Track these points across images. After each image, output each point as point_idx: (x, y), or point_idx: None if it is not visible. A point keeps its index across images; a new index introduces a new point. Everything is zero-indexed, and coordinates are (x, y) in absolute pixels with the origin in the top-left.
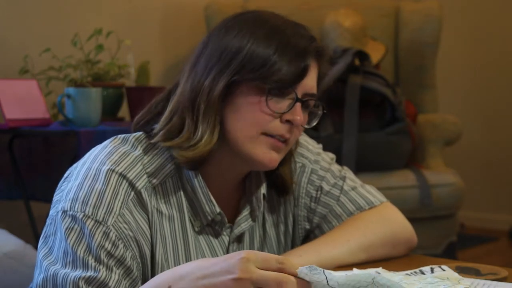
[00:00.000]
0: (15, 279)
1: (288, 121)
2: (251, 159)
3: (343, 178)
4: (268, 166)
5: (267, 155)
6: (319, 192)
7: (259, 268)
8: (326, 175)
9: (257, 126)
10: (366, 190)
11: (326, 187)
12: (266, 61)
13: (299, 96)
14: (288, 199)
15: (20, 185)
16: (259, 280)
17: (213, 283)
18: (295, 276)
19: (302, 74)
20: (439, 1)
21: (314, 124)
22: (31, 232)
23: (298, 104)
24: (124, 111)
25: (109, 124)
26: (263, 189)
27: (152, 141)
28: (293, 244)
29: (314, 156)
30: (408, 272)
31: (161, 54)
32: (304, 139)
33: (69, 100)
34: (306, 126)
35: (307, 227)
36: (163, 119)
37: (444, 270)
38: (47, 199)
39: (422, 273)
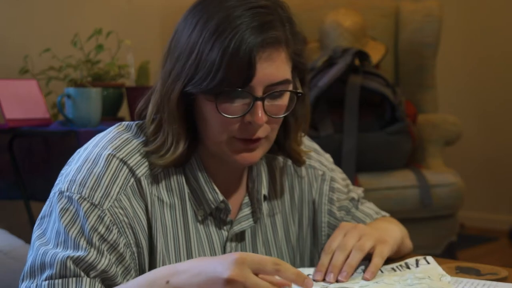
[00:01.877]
0: (15, 279)
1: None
2: (228, 160)
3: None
4: (245, 165)
5: (240, 157)
6: (341, 199)
7: (254, 270)
8: (347, 181)
9: (223, 132)
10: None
11: (350, 195)
12: (211, 67)
13: (260, 92)
14: (305, 203)
15: (20, 185)
16: (252, 287)
17: (206, 281)
18: (291, 280)
19: (249, 75)
20: (439, 1)
21: (291, 109)
22: (31, 232)
23: (257, 104)
24: (124, 111)
25: (109, 124)
26: (263, 190)
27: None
28: (306, 248)
29: (330, 165)
30: (394, 265)
31: (161, 54)
32: (315, 148)
33: (69, 100)
34: (282, 116)
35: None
36: (147, 119)
37: (429, 262)
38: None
39: (407, 266)
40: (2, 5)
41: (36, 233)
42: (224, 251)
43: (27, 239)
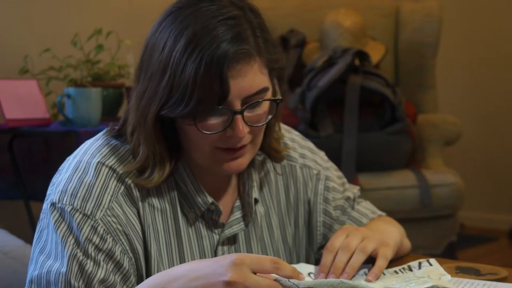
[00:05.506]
0: (15, 279)
1: None
2: (215, 171)
3: (352, 188)
4: (234, 173)
5: (227, 167)
6: (337, 198)
7: (253, 270)
8: (343, 180)
9: (206, 146)
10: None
11: (346, 194)
12: (184, 90)
13: (239, 105)
14: (301, 202)
15: (20, 185)
16: (253, 286)
17: (204, 285)
18: (288, 277)
19: (223, 92)
20: (439, 1)
21: (273, 114)
22: (31, 232)
23: (237, 117)
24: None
25: (109, 124)
26: (254, 194)
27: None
28: (302, 248)
29: (325, 163)
30: (397, 269)
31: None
32: (309, 147)
33: (69, 100)
34: (263, 123)
35: (328, 234)
36: (128, 135)
37: (431, 264)
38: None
39: (410, 269)
40: (2, 5)
41: (37, 247)
42: (215, 255)
43: (27, 239)
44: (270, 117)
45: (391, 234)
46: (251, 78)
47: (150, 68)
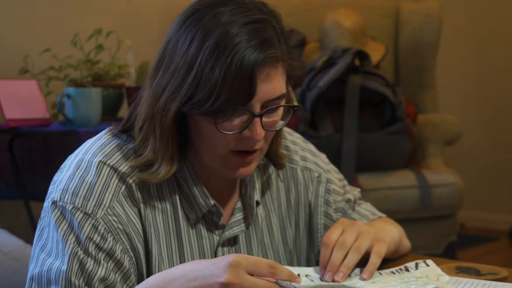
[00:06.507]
0: (15, 279)
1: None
2: (222, 174)
3: (353, 190)
4: (241, 178)
5: (236, 172)
6: (337, 200)
7: (250, 272)
8: (344, 182)
9: (221, 147)
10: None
11: (347, 196)
12: (212, 88)
13: (258, 108)
14: (302, 205)
15: (20, 185)
16: (250, 287)
17: (202, 286)
18: (287, 280)
19: (250, 94)
20: (439, 1)
21: (288, 121)
22: (31, 232)
23: (256, 120)
24: (124, 111)
25: (109, 124)
26: (256, 196)
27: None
28: (303, 250)
29: (326, 166)
30: (393, 269)
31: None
32: (310, 149)
33: (69, 100)
34: (277, 129)
35: None
36: (135, 130)
37: (428, 265)
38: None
39: (407, 269)
40: (2, 5)
41: (38, 245)
42: (215, 256)
43: (27, 239)
44: (282, 123)
45: (388, 231)
46: (276, 82)
47: (172, 64)
